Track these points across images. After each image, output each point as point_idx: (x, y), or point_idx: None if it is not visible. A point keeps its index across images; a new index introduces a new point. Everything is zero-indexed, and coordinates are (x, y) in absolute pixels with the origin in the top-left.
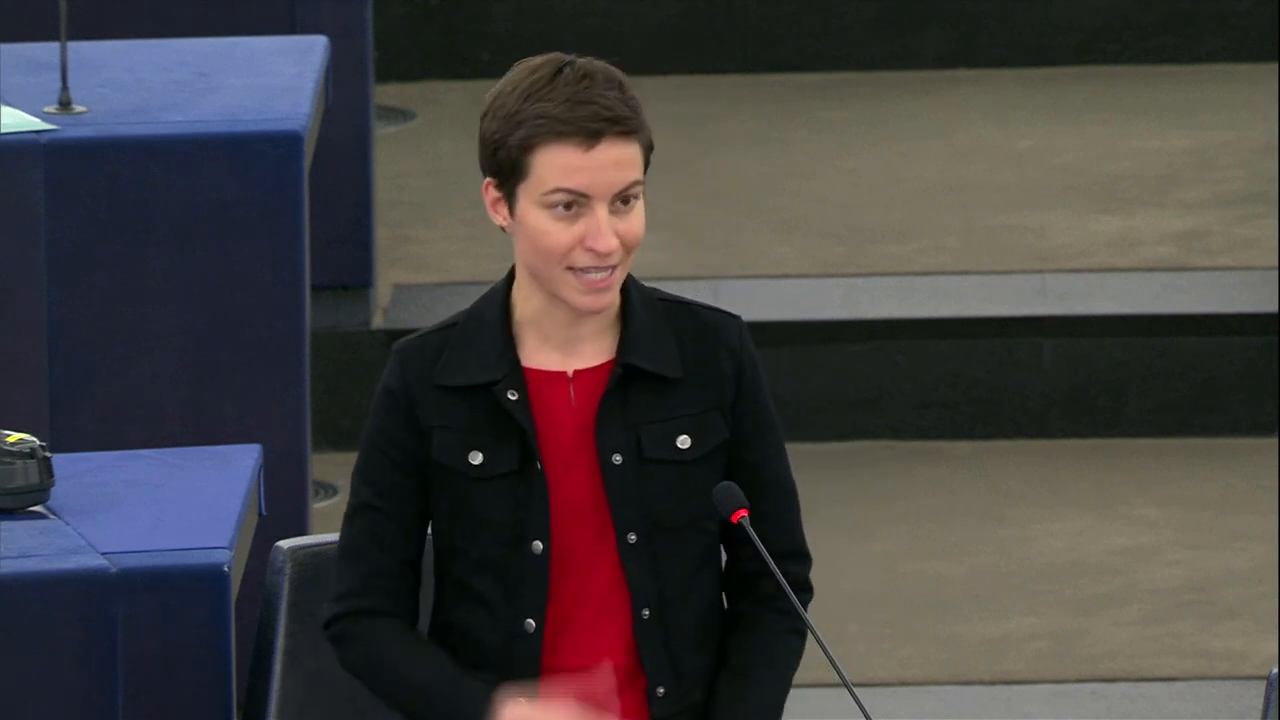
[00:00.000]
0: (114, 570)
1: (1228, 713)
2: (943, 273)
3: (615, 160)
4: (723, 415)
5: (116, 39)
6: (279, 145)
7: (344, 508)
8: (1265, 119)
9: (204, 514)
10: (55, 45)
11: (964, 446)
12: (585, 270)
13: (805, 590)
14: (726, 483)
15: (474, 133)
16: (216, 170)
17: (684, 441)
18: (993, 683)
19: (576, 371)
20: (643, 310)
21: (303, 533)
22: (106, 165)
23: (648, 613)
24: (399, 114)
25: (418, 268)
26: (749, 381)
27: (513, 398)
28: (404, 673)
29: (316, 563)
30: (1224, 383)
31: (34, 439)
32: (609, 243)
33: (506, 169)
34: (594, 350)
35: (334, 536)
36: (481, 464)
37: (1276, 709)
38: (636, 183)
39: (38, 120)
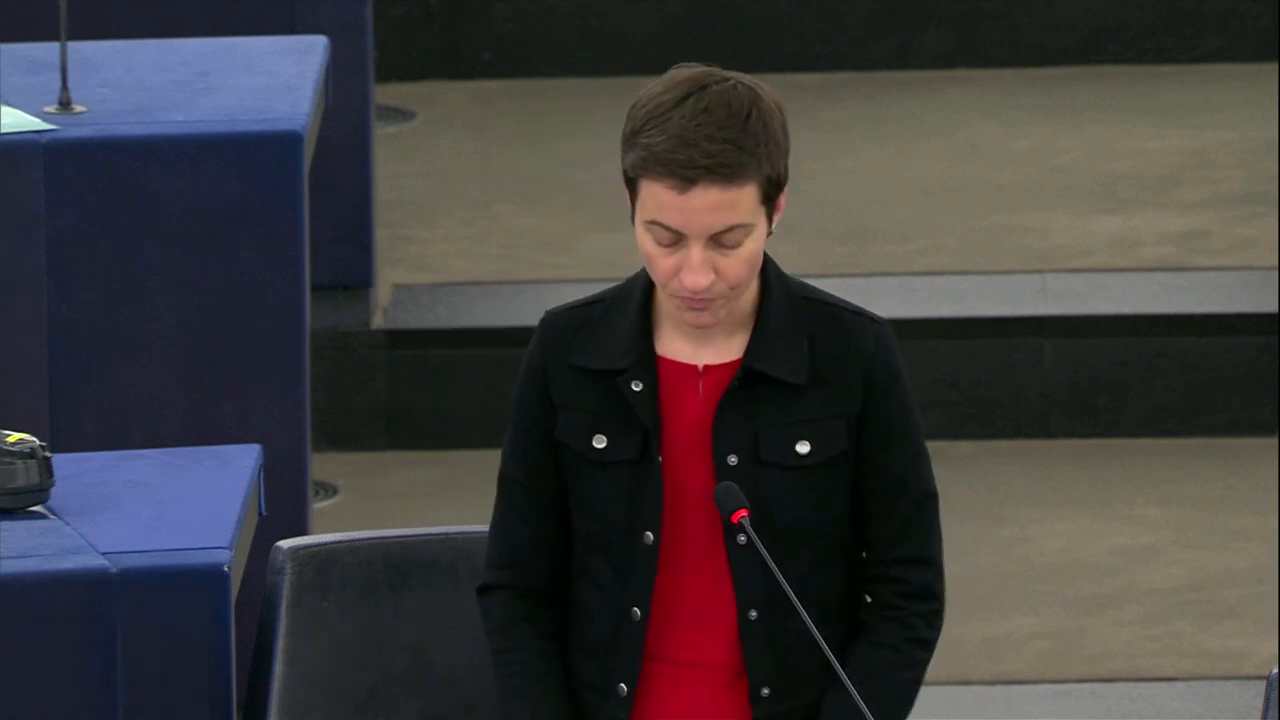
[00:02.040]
0: (114, 570)
1: (1228, 713)
2: (943, 273)
3: (710, 205)
4: (847, 423)
5: (116, 39)
6: (279, 145)
7: (344, 508)
8: (1265, 119)
9: (204, 514)
10: (55, 45)
11: (964, 446)
12: (684, 299)
13: (930, 599)
14: (726, 483)
15: (474, 133)
16: (216, 170)
17: (803, 447)
18: (993, 683)
19: (707, 366)
20: (779, 311)
21: (303, 533)
22: (106, 165)
23: (755, 614)
24: (399, 114)
25: (418, 268)
26: (880, 387)
27: (636, 388)
28: (504, 691)
29: (316, 563)
30: (1224, 383)
31: (34, 439)
32: (697, 281)
33: (626, 182)
34: (727, 346)
35: (334, 536)
36: (604, 449)
37: (1276, 709)
38: (737, 226)
39: (38, 120)
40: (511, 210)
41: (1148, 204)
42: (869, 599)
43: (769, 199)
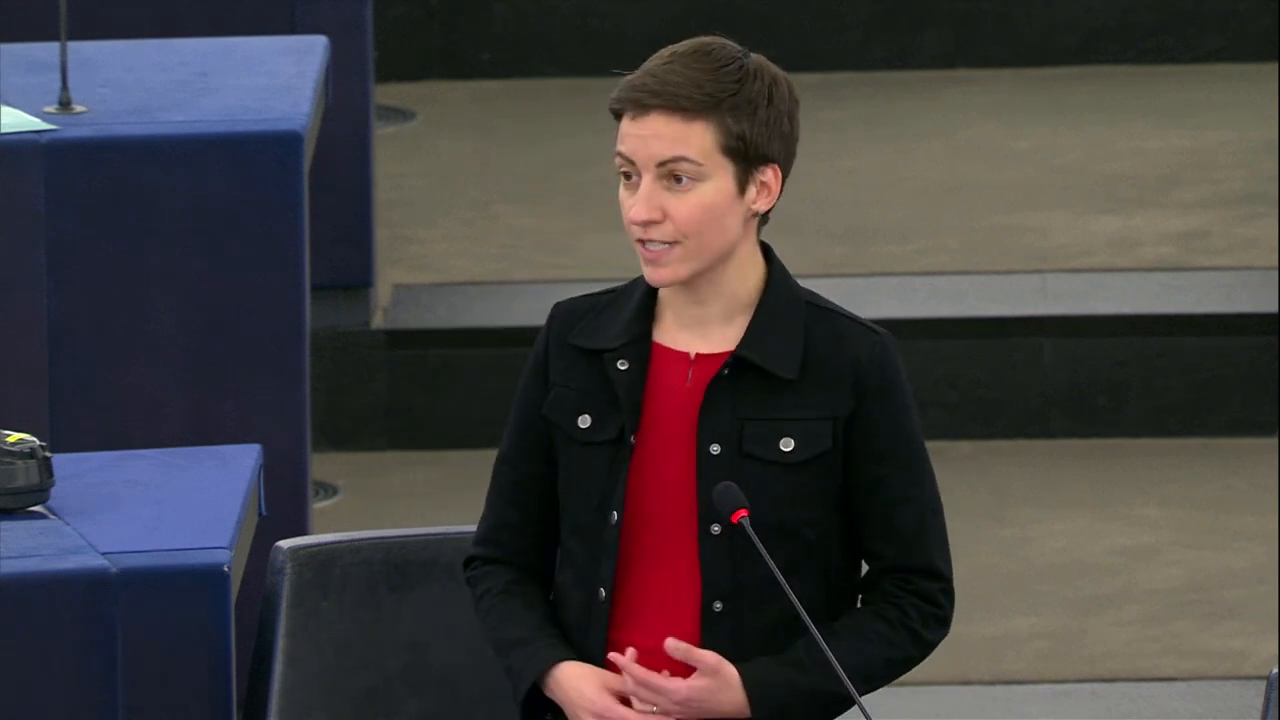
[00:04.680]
0: (114, 570)
1: (1228, 713)
2: (943, 273)
3: (658, 132)
4: (835, 425)
5: (116, 39)
6: (279, 145)
7: (344, 508)
8: (1265, 119)
9: (204, 514)
10: (55, 45)
11: (964, 446)
12: (640, 240)
13: (934, 605)
14: (726, 483)
15: (474, 133)
16: (216, 170)
17: (787, 444)
18: (993, 683)
19: (699, 355)
20: (779, 306)
21: (303, 533)
22: (106, 165)
23: (720, 605)
24: (399, 114)
25: (418, 268)
26: (875, 396)
27: (621, 367)
28: (491, 624)
29: (316, 563)
30: (1224, 383)
31: (34, 439)
32: (639, 212)
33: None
34: (721, 337)
35: (334, 536)
36: (588, 428)
37: (1276, 709)
38: (683, 159)
39: (38, 120)
40: (511, 210)
41: (1148, 204)
42: (870, 594)
43: (736, 156)
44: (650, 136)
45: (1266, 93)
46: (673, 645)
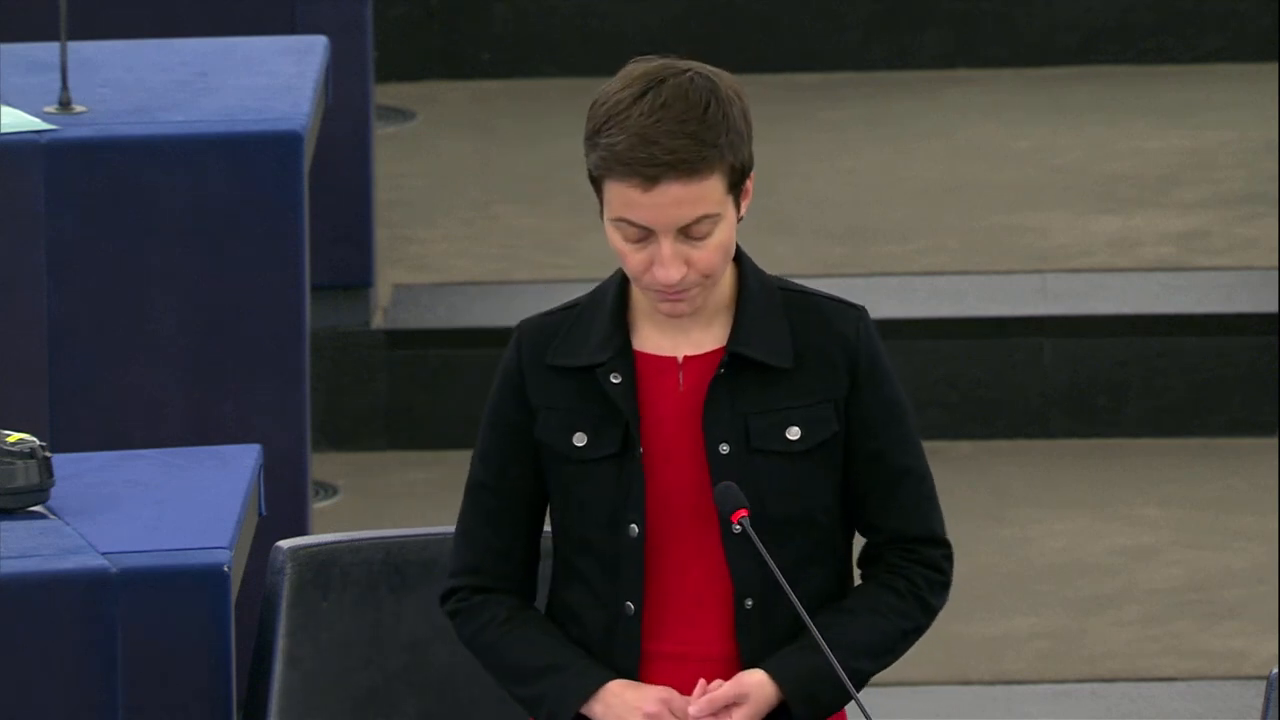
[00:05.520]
0: (114, 570)
1: (1228, 713)
2: (943, 273)
3: (675, 199)
4: (835, 407)
5: (116, 39)
6: (279, 145)
7: (344, 508)
8: (1265, 119)
9: (204, 514)
10: (55, 45)
11: (964, 446)
12: (658, 291)
13: (937, 571)
14: (726, 483)
15: (474, 133)
16: (216, 170)
17: (793, 433)
18: (993, 683)
19: (686, 358)
20: (758, 298)
21: (303, 533)
22: (106, 165)
23: (750, 602)
24: (399, 114)
25: (418, 268)
26: (866, 372)
27: (615, 381)
28: (501, 653)
29: (316, 563)
30: (1224, 383)
31: (34, 439)
32: (670, 275)
33: (591, 181)
34: (705, 337)
35: (334, 536)
36: (585, 446)
37: (1276, 709)
38: (704, 217)
39: (38, 120)
40: (511, 210)
41: (1148, 204)
42: (874, 567)
43: (735, 187)
44: (667, 205)
45: (1266, 93)
46: (695, 711)
